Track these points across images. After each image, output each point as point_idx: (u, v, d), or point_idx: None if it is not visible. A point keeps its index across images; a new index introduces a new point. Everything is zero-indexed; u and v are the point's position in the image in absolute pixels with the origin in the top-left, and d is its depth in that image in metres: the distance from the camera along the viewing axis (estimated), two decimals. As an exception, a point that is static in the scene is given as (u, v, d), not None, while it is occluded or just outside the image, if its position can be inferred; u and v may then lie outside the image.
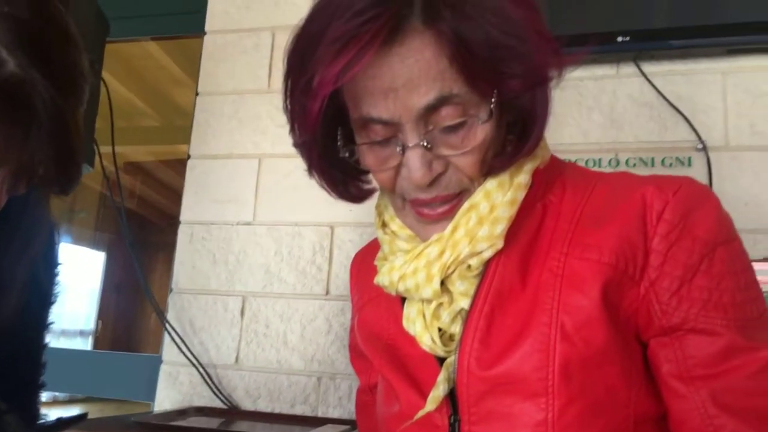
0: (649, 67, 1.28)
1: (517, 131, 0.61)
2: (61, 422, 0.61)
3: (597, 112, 1.30)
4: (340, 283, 1.40)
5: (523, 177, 0.61)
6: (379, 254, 0.69)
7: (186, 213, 1.53)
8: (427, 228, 0.63)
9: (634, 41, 1.24)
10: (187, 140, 1.58)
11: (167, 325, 1.45)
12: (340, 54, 0.52)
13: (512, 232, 0.61)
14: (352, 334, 0.81)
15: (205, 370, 1.41)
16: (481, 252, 0.60)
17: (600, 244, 0.59)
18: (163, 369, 1.46)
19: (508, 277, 0.61)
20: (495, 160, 0.60)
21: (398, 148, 0.58)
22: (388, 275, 0.64)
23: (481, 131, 0.57)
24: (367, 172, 0.67)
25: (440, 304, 0.63)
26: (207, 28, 1.60)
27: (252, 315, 1.43)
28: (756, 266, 0.91)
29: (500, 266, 0.61)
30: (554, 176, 0.65)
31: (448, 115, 0.56)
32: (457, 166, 0.59)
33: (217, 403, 1.39)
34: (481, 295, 0.61)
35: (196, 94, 1.59)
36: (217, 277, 1.47)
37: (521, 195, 0.61)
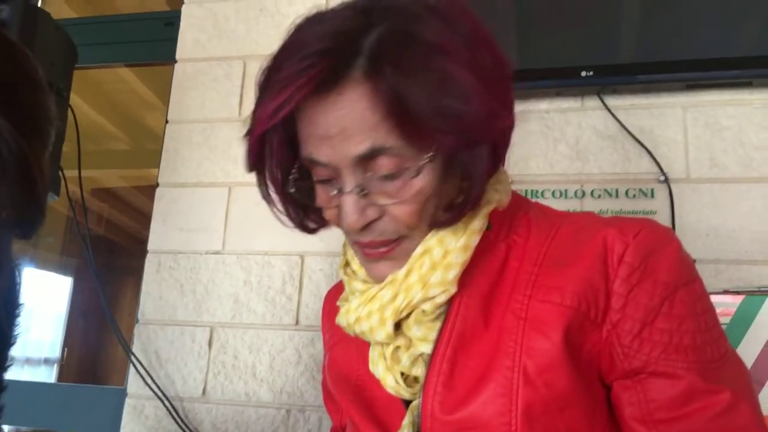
0: (612, 101, 1.31)
1: (465, 187, 0.61)
2: None
3: (563, 143, 1.33)
4: (310, 313, 1.39)
5: (477, 222, 0.62)
6: (342, 294, 0.70)
7: (153, 242, 1.51)
8: (372, 266, 0.63)
9: (597, 76, 1.27)
10: (157, 164, 1.57)
11: (132, 357, 1.41)
12: (277, 96, 0.54)
13: (473, 274, 0.62)
14: (324, 374, 0.80)
15: (171, 404, 1.38)
16: (434, 297, 0.60)
17: (562, 286, 0.59)
18: (128, 402, 1.43)
19: (471, 319, 0.61)
20: (441, 214, 0.60)
21: (335, 191, 0.60)
22: (345, 317, 0.65)
23: (417, 183, 0.57)
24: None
25: (398, 347, 0.63)
26: (178, 56, 1.60)
27: (220, 346, 1.41)
28: (716, 298, 0.94)
29: (462, 308, 0.61)
30: (519, 216, 0.66)
31: (383, 165, 0.56)
32: (393, 214, 0.59)
33: (183, 437, 1.36)
34: (444, 337, 0.61)
35: (166, 122, 1.58)
36: (184, 308, 1.45)
37: (475, 240, 0.61)
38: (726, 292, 0.95)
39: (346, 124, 0.55)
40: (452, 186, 0.61)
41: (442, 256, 0.60)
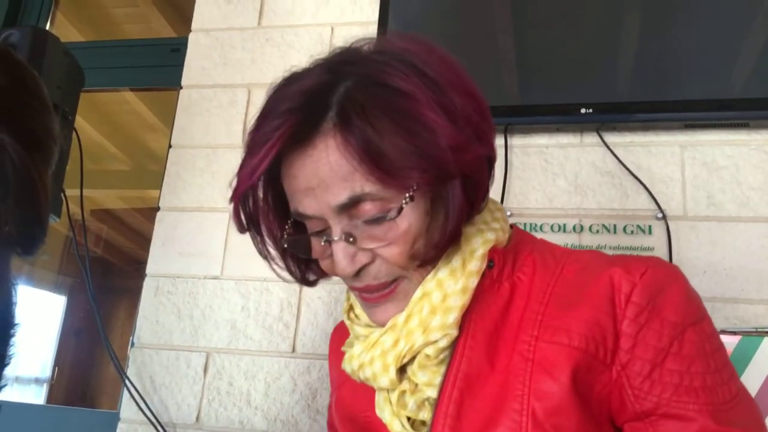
0: (611, 138, 1.33)
1: (443, 222, 0.62)
2: None
3: (562, 178, 1.35)
4: (307, 340, 1.38)
5: (474, 264, 0.62)
6: (348, 339, 0.70)
7: (152, 265, 1.51)
8: (373, 311, 0.64)
9: (597, 113, 1.29)
10: (158, 185, 1.58)
11: (127, 382, 1.41)
12: (254, 156, 0.57)
13: (477, 314, 0.62)
14: (330, 412, 0.79)
15: (164, 430, 1.36)
16: (435, 341, 0.60)
17: (569, 327, 0.59)
18: (121, 427, 1.41)
19: (476, 360, 0.61)
20: (428, 252, 0.60)
21: (324, 241, 0.61)
22: (349, 363, 0.65)
23: (402, 224, 0.58)
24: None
25: (404, 392, 0.63)
26: (183, 82, 1.62)
27: (215, 372, 1.41)
28: (713, 338, 0.94)
29: (467, 349, 0.61)
30: (524, 254, 0.66)
31: (367, 210, 0.58)
32: (383, 257, 0.60)
33: (174, 465, 1.34)
34: (450, 379, 0.60)
35: (169, 146, 1.59)
36: (181, 332, 1.45)
37: (473, 282, 0.62)
38: (723, 332, 0.96)
39: (323, 175, 0.57)
40: (438, 223, 0.61)
41: (441, 300, 0.61)
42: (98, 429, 1.48)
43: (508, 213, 1.34)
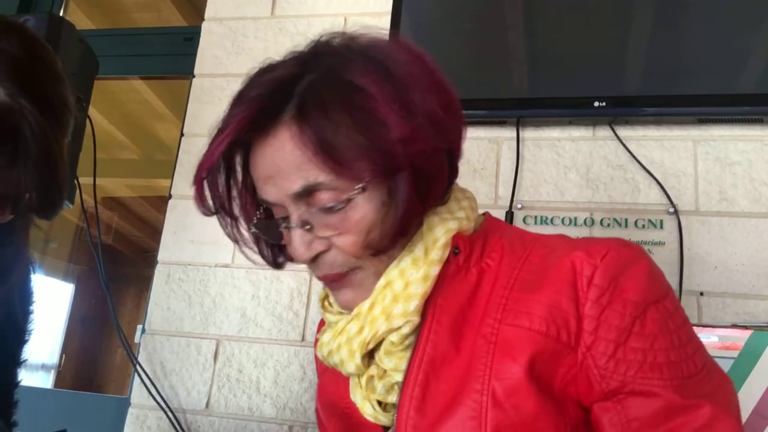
0: (623, 131, 1.33)
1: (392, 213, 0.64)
2: None
3: (574, 171, 1.35)
4: (316, 329, 1.39)
5: (436, 252, 0.64)
6: (323, 327, 0.72)
7: (164, 253, 1.52)
8: (337, 294, 0.67)
9: (609, 106, 1.29)
10: (166, 175, 1.59)
11: (138, 367, 1.42)
12: (215, 140, 0.60)
13: (443, 299, 0.64)
14: (317, 399, 0.81)
15: (174, 415, 1.38)
16: (399, 328, 0.62)
17: (530, 311, 0.60)
18: (131, 412, 1.43)
19: (441, 344, 0.63)
20: (381, 242, 0.62)
21: (283, 227, 0.64)
22: (320, 350, 0.68)
23: (356, 213, 0.60)
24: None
25: (372, 377, 0.65)
26: (196, 71, 1.63)
27: (225, 359, 1.42)
28: (724, 332, 0.95)
29: (432, 333, 0.63)
30: (493, 240, 0.68)
31: (322, 199, 0.60)
32: (338, 246, 0.62)
33: (184, 450, 1.36)
34: (415, 363, 0.63)
35: (181, 134, 1.60)
36: (191, 319, 1.46)
37: (435, 270, 0.64)
38: (734, 326, 0.96)
39: (281, 164, 0.60)
40: (392, 214, 0.63)
41: (403, 288, 0.63)
42: (109, 414, 1.50)
43: (519, 205, 1.35)
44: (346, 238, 0.61)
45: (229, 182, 0.67)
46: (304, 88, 0.60)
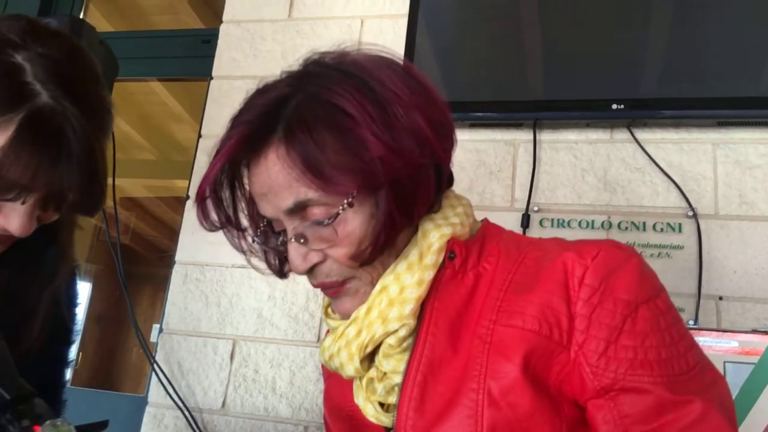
0: (642, 134, 1.32)
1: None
2: (81, 428, 0.63)
3: (591, 174, 1.34)
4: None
5: (430, 258, 0.66)
6: (327, 333, 0.74)
7: (181, 253, 1.53)
8: (335, 303, 0.70)
9: (627, 109, 1.28)
10: (182, 175, 1.60)
11: (155, 366, 1.43)
12: (212, 162, 0.64)
13: (440, 302, 0.66)
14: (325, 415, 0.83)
15: (191, 414, 1.39)
16: (395, 331, 0.65)
17: (523, 311, 0.62)
18: (148, 411, 1.44)
19: (439, 345, 0.64)
20: (369, 253, 0.64)
21: (280, 241, 0.67)
22: (322, 354, 0.71)
23: (346, 227, 0.63)
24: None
25: (372, 379, 0.67)
26: (214, 73, 1.64)
27: (242, 359, 1.43)
28: (744, 338, 0.94)
29: (430, 336, 0.65)
30: (490, 245, 0.69)
31: (314, 214, 0.63)
32: (332, 257, 0.65)
33: (201, 449, 1.37)
34: (413, 364, 0.64)
35: (199, 136, 1.61)
36: (208, 319, 1.47)
37: (429, 274, 0.66)
38: (755, 331, 0.95)
39: (272, 183, 0.63)
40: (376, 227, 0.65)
41: (398, 293, 0.65)
42: (126, 412, 1.51)
43: (535, 208, 1.34)
44: (338, 250, 0.64)
45: (234, 196, 0.70)
46: (290, 111, 0.63)
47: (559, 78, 1.38)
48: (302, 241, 0.64)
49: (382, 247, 0.64)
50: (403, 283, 0.65)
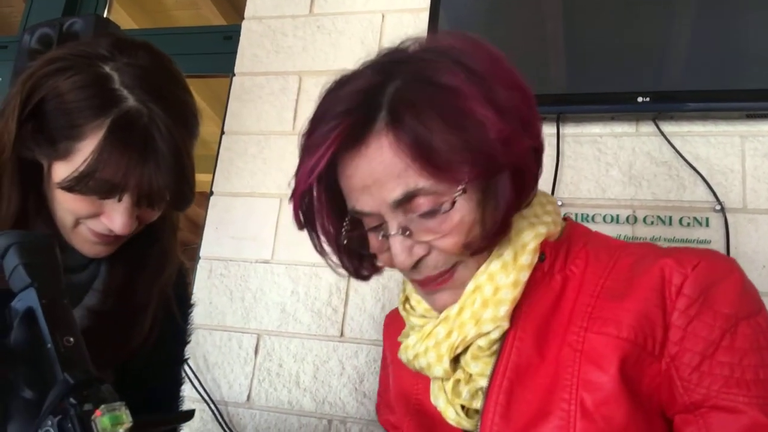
0: (668, 127, 1.30)
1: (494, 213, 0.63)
2: (168, 417, 0.65)
3: (616, 168, 1.33)
4: (355, 325, 1.41)
5: (525, 258, 0.63)
6: (404, 330, 0.73)
7: (206, 248, 1.55)
8: (432, 298, 0.67)
9: (653, 101, 1.26)
10: (205, 170, 1.61)
11: (181, 360, 1.45)
12: (310, 158, 0.60)
13: (528, 306, 0.63)
14: (384, 387, 0.82)
15: (216, 407, 1.41)
16: (488, 333, 0.62)
17: (618, 318, 0.59)
18: (175, 404, 1.47)
19: (526, 351, 0.62)
20: (481, 242, 0.61)
21: (381, 236, 0.63)
22: (405, 353, 0.68)
23: (455, 216, 0.60)
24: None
25: (458, 381, 0.65)
26: (236, 69, 1.65)
27: (266, 353, 1.44)
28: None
29: (517, 341, 0.63)
30: (577, 247, 0.67)
31: (421, 205, 0.60)
32: (439, 248, 0.62)
33: (226, 442, 1.39)
34: (500, 370, 0.62)
35: (222, 132, 1.62)
36: (233, 314, 1.49)
37: (525, 275, 0.63)
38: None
39: (378, 173, 0.59)
40: (490, 213, 0.62)
41: (492, 293, 0.62)
42: (153, 405, 1.54)
43: (559, 203, 1.33)
44: (447, 240, 0.61)
45: (319, 197, 0.67)
46: (392, 95, 0.59)
47: (583, 71, 1.36)
48: (408, 234, 0.61)
49: (499, 233, 0.61)
50: (498, 284, 0.62)
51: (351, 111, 0.59)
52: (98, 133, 0.67)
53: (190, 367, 1.45)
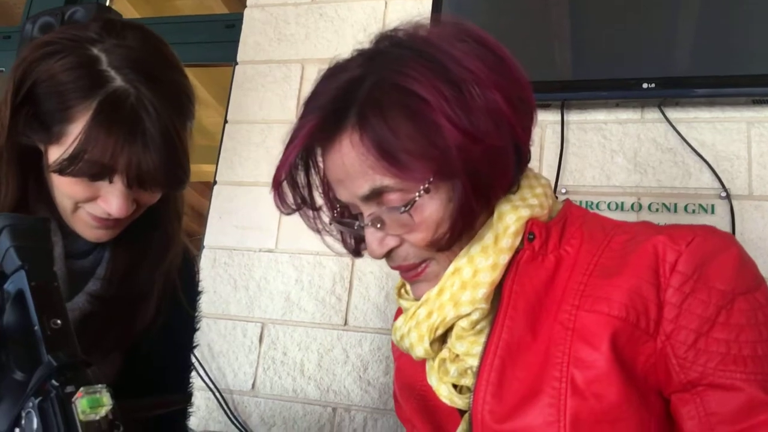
0: (673, 114, 1.29)
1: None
2: (161, 401, 0.66)
3: (621, 155, 1.32)
4: (359, 314, 1.41)
5: (506, 241, 0.64)
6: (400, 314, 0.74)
7: (210, 238, 1.55)
8: (413, 288, 0.69)
9: (659, 88, 1.25)
10: (208, 160, 1.61)
11: (186, 349, 1.46)
12: (287, 147, 0.64)
13: (518, 285, 0.63)
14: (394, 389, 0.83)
15: (221, 396, 1.42)
16: (467, 315, 0.63)
17: (610, 296, 0.59)
18: (180, 392, 1.47)
19: (518, 330, 0.62)
20: (448, 238, 0.63)
21: (356, 225, 0.67)
22: (394, 334, 0.70)
23: (422, 212, 0.62)
24: None
25: (444, 360, 0.66)
26: (239, 58, 1.64)
27: (270, 342, 1.45)
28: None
29: (508, 319, 0.63)
30: (572, 227, 0.66)
31: (391, 200, 0.62)
32: (409, 241, 0.64)
33: (232, 430, 1.40)
34: (491, 348, 0.62)
35: (225, 121, 1.62)
36: (237, 303, 1.49)
37: (504, 258, 0.63)
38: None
39: (348, 169, 0.62)
40: (455, 213, 0.63)
41: (471, 276, 0.63)
42: (159, 393, 1.55)
43: (563, 190, 1.33)
44: (415, 235, 0.63)
45: (309, 178, 0.69)
46: (364, 93, 0.61)
47: (588, 57, 1.35)
48: (379, 226, 0.63)
49: (460, 232, 0.63)
50: (477, 266, 0.63)
51: (325, 107, 0.62)
52: (86, 114, 0.67)
53: (195, 356, 1.45)
